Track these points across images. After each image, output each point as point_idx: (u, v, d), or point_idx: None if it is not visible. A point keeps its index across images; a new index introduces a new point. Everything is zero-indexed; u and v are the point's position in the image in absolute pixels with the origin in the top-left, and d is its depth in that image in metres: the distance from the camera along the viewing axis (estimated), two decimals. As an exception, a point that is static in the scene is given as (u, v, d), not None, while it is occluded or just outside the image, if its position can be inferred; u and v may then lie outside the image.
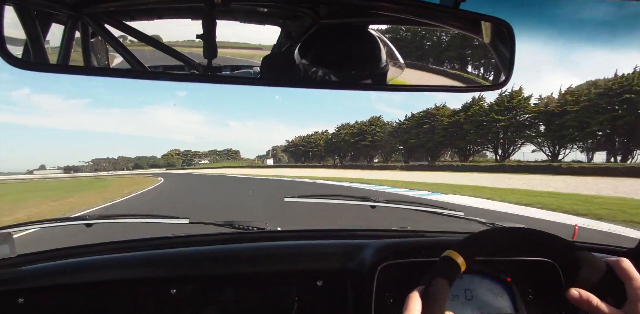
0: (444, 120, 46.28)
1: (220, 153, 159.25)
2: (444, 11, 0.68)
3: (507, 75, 0.72)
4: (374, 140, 62.52)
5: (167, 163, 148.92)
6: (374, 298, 0.81)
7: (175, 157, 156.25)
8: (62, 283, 0.90)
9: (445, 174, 27.41)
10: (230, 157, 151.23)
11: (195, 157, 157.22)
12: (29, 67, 0.58)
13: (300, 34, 0.72)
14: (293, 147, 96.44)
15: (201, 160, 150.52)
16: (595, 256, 0.59)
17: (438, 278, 0.57)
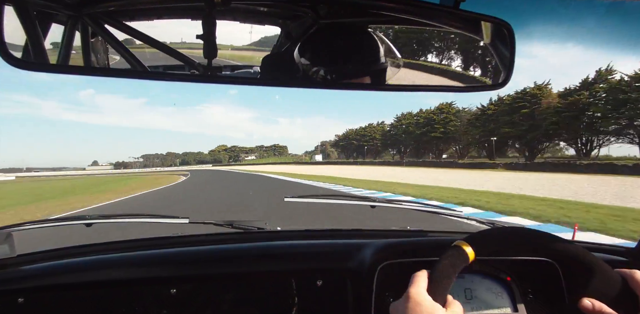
0: (555, 102, 33.99)
1: (267, 149, 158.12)
2: (444, 11, 0.68)
3: (507, 75, 0.72)
4: (447, 131, 51.06)
5: (214, 159, 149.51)
6: (374, 297, 0.81)
7: (222, 153, 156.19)
8: (62, 282, 0.90)
9: (579, 177, 18.95)
10: (277, 153, 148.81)
11: (242, 153, 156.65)
12: (29, 67, 0.58)
13: (300, 33, 0.72)
14: (344, 141, 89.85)
15: (248, 156, 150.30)
16: (607, 265, 0.59)
17: (445, 263, 0.58)
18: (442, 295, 0.56)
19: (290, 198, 1.34)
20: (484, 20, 0.69)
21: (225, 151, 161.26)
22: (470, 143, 47.66)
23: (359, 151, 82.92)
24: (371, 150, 77.87)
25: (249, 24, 0.76)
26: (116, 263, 0.95)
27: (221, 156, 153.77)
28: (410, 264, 0.85)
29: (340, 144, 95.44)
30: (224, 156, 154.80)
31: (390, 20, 0.76)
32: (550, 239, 0.62)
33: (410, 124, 59.84)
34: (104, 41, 0.71)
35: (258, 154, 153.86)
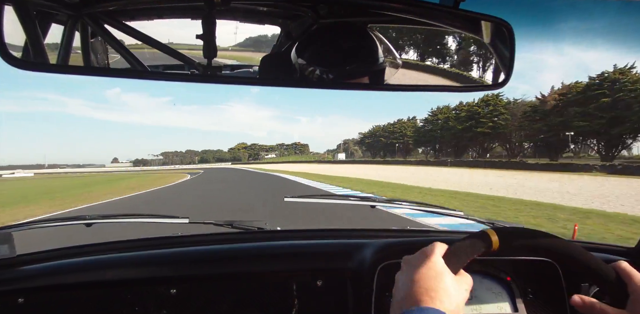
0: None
1: (287, 147, 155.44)
2: (443, 11, 0.68)
3: (506, 75, 0.72)
4: (496, 126, 42.24)
5: (233, 157, 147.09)
6: (374, 297, 0.81)
7: (241, 152, 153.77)
8: (62, 282, 0.90)
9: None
10: (298, 151, 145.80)
11: (262, 151, 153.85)
12: (29, 67, 0.58)
13: (300, 33, 0.72)
14: (370, 138, 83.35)
15: (268, 154, 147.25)
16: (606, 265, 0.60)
17: (467, 242, 0.58)
18: (455, 266, 0.56)
19: (290, 198, 1.34)
20: (483, 20, 0.69)
21: (245, 149, 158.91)
22: (525, 140, 39.23)
23: (387, 149, 76.61)
24: (401, 148, 71.58)
25: (249, 23, 0.76)
26: (116, 263, 0.95)
27: (240, 154, 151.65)
28: None
29: (366, 142, 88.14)
30: (244, 154, 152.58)
31: (390, 20, 0.76)
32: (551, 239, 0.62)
33: (450, 119, 51.50)
34: (104, 41, 0.71)
35: (278, 152, 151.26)
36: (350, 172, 28.61)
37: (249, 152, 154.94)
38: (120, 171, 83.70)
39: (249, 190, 15.84)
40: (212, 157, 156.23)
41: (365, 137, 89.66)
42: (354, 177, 21.71)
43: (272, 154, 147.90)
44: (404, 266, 0.57)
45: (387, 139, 75.68)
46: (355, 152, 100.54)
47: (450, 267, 0.55)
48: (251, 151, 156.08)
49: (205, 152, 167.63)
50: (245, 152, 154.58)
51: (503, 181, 17.48)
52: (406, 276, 0.53)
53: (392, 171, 30.49)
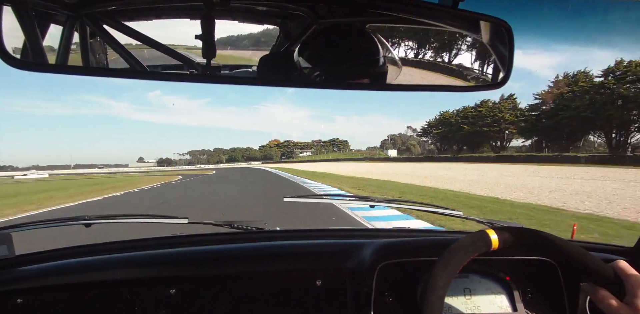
0: None
1: (325, 144, 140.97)
2: (442, 11, 0.68)
3: (505, 75, 0.72)
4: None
5: (264, 156, 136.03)
6: (373, 297, 0.81)
7: (273, 149, 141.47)
8: (61, 283, 0.90)
9: None
10: (337, 149, 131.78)
11: (296, 148, 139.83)
12: (28, 67, 0.58)
13: (299, 33, 0.72)
14: (440, 127, 63.35)
15: (302, 152, 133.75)
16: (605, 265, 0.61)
17: (467, 241, 0.59)
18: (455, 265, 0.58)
19: (290, 198, 1.34)
20: (482, 20, 0.69)
21: (278, 147, 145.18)
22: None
23: (470, 139, 55.91)
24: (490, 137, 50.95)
25: (248, 23, 0.76)
26: (115, 263, 0.95)
27: (272, 153, 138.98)
28: (409, 264, 0.85)
29: (433, 133, 67.38)
30: (276, 152, 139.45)
31: (389, 19, 0.76)
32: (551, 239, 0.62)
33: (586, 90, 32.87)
34: (103, 41, 0.71)
35: (315, 149, 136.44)
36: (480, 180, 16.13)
37: (281, 150, 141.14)
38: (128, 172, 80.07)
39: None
40: (240, 155, 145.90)
41: (433, 126, 68.64)
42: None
43: (308, 152, 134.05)
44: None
45: (474, 127, 53.72)
46: (412, 148, 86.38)
47: (449, 267, 0.55)
48: (284, 149, 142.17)
49: (233, 150, 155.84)
50: (277, 150, 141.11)
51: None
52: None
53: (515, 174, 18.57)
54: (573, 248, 0.62)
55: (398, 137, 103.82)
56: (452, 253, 0.58)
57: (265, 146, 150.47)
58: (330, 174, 24.94)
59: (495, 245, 0.59)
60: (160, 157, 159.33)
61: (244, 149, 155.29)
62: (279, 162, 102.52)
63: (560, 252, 0.62)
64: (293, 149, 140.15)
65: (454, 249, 0.58)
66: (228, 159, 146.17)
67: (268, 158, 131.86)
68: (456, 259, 0.57)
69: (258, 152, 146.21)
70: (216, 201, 11.96)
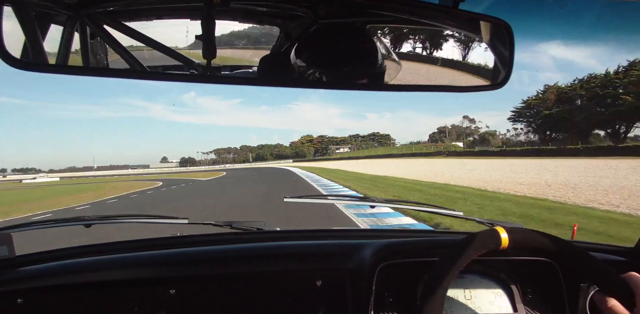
0: None
1: (363, 138, 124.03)
2: (443, 11, 0.68)
3: (506, 75, 0.72)
4: None
5: (296, 153, 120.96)
6: (373, 297, 0.81)
7: (306, 146, 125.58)
8: (61, 283, 0.90)
9: None
10: (377, 144, 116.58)
11: (331, 144, 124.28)
12: (28, 67, 0.58)
13: (300, 34, 0.72)
14: (559, 104, 43.37)
15: (339, 147, 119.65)
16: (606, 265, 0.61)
17: (477, 237, 0.58)
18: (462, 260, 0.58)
19: (290, 198, 1.34)
20: (482, 20, 0.69)
21: (311, 143, 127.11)
22: None
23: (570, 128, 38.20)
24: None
25: (248, 24, 0.76)
26: (115, 263, 0.95)
27: (305, 150, 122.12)
28: (409, 264, 0.85)
29: (544, 114, 47.30)
30: (309, 149, 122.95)
31: (389, 20, 0.76)
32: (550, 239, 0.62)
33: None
34: (103, 41, 0.71)
35: (354, 145, 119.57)
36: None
37: (315, 147, 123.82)
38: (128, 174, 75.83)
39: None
40: (269, 153, 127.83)
41: (530, 107, 50.16)
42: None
43: (345, 148, 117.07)
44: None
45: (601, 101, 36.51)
46: (491, 140, 70.81)
47: (456, 261, 0.56)
48: (318, 145, 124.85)
49: (261, 147, 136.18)
50: (310, 147, 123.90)
51: None
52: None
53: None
54: (582, 253, 0.61)
55: (452, 129, 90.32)
56: (461, 248, 0.57)
57: (296, 142, 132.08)
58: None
59: (505, 244, 0.59)
60: (183, 157, 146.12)
61: (273, 146, 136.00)
62: (312, 161, 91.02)
63: (569, 257, 0.62)
64: (328, 145, 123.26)
65: (463, 244, 0.58)
66: (255, 157, 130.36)
67: (300, 156, 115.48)
68: (465, 254, 0.57)
69: (288, 150, 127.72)
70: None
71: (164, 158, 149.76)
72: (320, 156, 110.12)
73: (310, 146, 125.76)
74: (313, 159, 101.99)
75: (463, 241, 0.59)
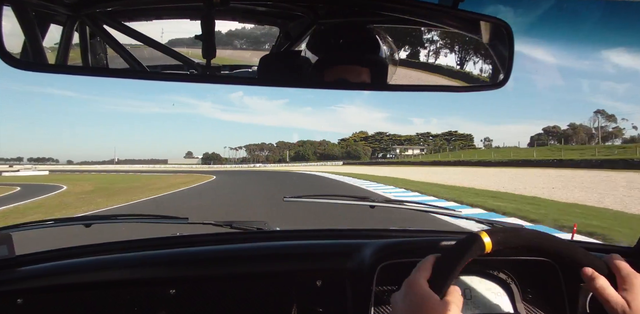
0: None
1: (435, 138, 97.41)
2: (442, 11, 0.68)
3: (505, 75, 0.72)
4: None
5: (347, 153, 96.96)
6: (373, 297, 0.81)
7: (359, 144, 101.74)
8: (61, 283, 0.90)
9: None
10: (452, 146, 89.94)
11: (396, 143, 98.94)
12: (28, 67, 0.58)
13: (299, 33, 0.72)
14: None
15: (408, 148, 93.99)
16: (594, 256, 0.60)
17: (460, 247, 0.58)
18: (443, 285, 0.56)
19: (290, 198, 1.34)
20: (482, 20, 0.69)
21: (366, 141, 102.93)
22: None
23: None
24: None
25: (248, 24, 0.76)
26: (115, 263, 0.95)
27: (359, 149, 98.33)
28: (410, 264, 0.85)
29: None
30: (364, 148, 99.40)
31: (388, 20, 0.76)
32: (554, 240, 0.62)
33: None
34: (103, 41, 0.71)
35: (429, 146, 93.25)
36: None
37: (372, 146, 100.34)
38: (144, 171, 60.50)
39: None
40: (311, 152, 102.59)
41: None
42: None
43: (415, 150, 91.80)
44: (392, 304, 0.57)
45: None
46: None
47: (436, 289, 0.54)
48: (376, 144, 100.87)
49: (302, 144, 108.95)
50: (366, 146, 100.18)
51: None
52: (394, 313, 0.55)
53: None
54: (565, 245, 0.62)
55: (579, 129, 67.40)
56: (438, 275, 0.56)
57: (347, 139, 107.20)
58: None
59: (489, 248, 0.59)
60: (206, 152, 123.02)
61: (317, 144, 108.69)
62: (372, 164, 62.99)
63: (553, 251, 0.62)
64: (390, 145, 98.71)
65: (439, 269, 0.56)
66: (294, 156, 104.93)
67: (353, 157, 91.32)
68: (442, 280, 0.56)
69: (337, 148, 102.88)
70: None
71: (188, 153, 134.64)
72: (382, 159, 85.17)
73: (366, 145, 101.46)
74: (373, 161, 73.27)
75: (438, 264, 0.58)
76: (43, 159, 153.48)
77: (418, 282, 0.55)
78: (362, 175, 27.61)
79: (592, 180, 17.80)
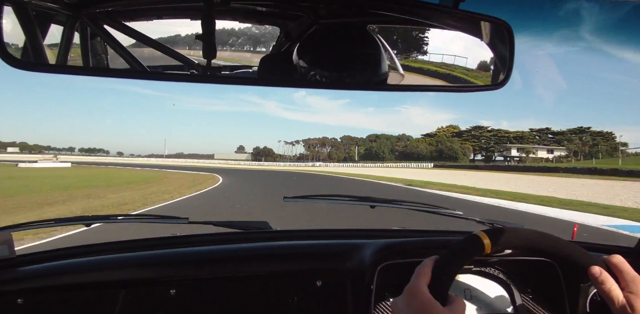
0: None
1: (556, 136, 69.99)
2: (443, 11, 0.68)
3: (506, 75, 0.72)
4: None
5: (438, 152, 73.07)
6: (373, 297, 0.81)
7: (454, 141, 74.72)
8: (61, 283, 0.90)
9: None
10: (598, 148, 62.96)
11: (501, 141, 72.11)
12: (28, 67, 0.58)
13: (300, 34, 0.72)
14: None
15: (538, 147, 69.32)
16: (593, 255, 0.60)
17: (459, 249, 0.58)
18: (446, 285, 0.56)
19: (290, 198, 1.34)
20: (483, 20, 0.69)
21: (459, 137, 76.85)
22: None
23: None
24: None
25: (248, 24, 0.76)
26: (115, 263, 0.95)
27: (456, 147, 72.27)
28: (410, 264, 0.85)
29: None
30: (463, 146, 73.44)
31: (389, 20, 0.76)
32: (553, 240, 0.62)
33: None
34: (103, 41, 0.71)
35: (578, 147, 64.98)
36: None
37: (472, 144, 74.67)
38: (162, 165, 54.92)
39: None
40: (387, 149, 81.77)
41: None
42: None
43: (542, 151, 66.87)
44: (393, 310, 0.57)
45: None
46: None
47: (438, 295, 0.54)
48: (475, 142, 74.44)
49: (375, 138, 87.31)
50: (464, 144, 74.39)
51: None
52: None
53: None
54: (565, 245, 0.61)
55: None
56: (437, 281, 0.56)
57: (436, 133, 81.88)
58: None
59: (488, 249, 0.59)
60: (257, 147, 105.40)
61: (394, 138, 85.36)
62: (486, 169, 45.13)
63: (553, 250, 0.61)
64: (498, 143, 71.57)
65: (438, 274, 0.56)
66: (364, 154, 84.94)
67: (446, 157, 69.57)
68: (441, 286, 0.56)
69: (423, 145, 77.59)
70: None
71: (240, 147, 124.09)
72: (502, 160, 63.90)
73: (462, 142, 74.90)
74: (481, 165, 50.56)
75: (443, 257, 0.58)
76: (94, 150, 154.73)
77: (419, 289, 0.54)
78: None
79: None
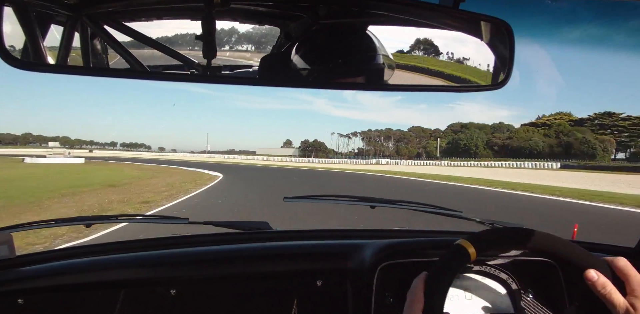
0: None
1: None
2: (443, 11, 0.68)
3: (506, 75, 0.73)
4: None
5: (562, 146, 57.20)
6: (374, 298, 0.81)
7: (587, 131, 57.32)
8: (62, 283, 0.90)
9: None
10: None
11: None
12: (28, 67, 0.58)
13: (300, 34, 0.72)
14: None
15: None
16: (594, 256, 0.60)
17: (445, 264, 0.58)
18: (440, 305, 0.56)
19: (290, 199, 1.34)
20: (483, 20, 0.69)
21: (578, 125, 58.31)
22: None
23: None
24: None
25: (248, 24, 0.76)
26: (115, 263, 0.95)
27: (593, 140, 56.28)
28: (410, 264, 0.85)
29: None
30: (603, 139, 56.92)
31: (389, 20, 0.76)
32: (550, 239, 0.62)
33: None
34: (103, 41, 0.71)
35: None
36: None
37: (598, 135, 57.37)
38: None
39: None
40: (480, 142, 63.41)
41: None
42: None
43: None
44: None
45: None
46: None
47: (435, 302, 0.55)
48: (607, 134, 57.27)
49: (461, 128, 67.22)
50: (605, 136, 57.44)
51: None
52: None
53: None
54: (565, 245, 0.61)
55: None
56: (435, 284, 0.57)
57: (545, 122, 62.99)
58: None
59: (473, 257, 0.59)
60: (306, 140, 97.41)
61: (488, 128, 64.71)
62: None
63: (553, 251, 0.61)
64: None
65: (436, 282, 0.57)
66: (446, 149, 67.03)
67: (574, 154, 54.61)
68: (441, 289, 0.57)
69: (537, 136, 59.46)
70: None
71: (287, 142, 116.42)
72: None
73: (596, 134, 54.93)
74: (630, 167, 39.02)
75: (432, 274, 0.58)
76: (135, 145, 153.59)
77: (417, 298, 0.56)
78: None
79: None
